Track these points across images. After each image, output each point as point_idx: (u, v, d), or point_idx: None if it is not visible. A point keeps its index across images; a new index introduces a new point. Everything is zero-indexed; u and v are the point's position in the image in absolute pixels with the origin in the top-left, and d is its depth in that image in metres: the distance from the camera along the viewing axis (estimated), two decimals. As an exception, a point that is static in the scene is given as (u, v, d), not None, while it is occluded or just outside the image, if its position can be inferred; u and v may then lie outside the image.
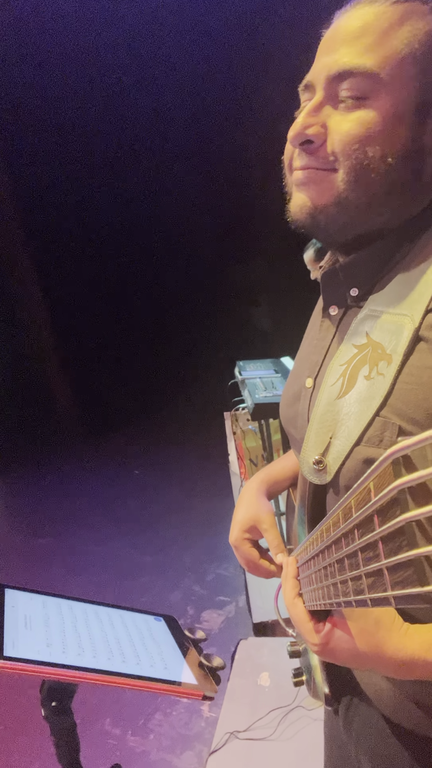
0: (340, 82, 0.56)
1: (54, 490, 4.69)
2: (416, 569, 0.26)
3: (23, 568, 3.49)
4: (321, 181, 0.58)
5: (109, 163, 5.54)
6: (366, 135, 0.55)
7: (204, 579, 3.07)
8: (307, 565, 0.55)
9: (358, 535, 0.34)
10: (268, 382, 2.81)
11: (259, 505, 0.88)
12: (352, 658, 0.56)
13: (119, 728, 2.15)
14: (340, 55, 0.55)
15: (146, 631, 0.65)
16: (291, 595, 0.61)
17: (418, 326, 0.53)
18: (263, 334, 7.19)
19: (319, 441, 0.60)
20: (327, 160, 0.57)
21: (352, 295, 0.64)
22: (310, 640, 0.58)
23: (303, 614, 0.59)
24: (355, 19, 0.56)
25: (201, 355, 6.55)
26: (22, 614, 0.59)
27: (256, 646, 2.14)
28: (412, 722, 0.66)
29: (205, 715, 2.15)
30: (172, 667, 0.58)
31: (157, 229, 6.22)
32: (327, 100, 0.57)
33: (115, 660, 0.55)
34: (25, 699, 2.32)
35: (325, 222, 0.59)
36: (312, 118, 0.57)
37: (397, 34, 0.54)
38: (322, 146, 0.57)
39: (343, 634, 0.55)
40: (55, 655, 0.53)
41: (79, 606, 0.66)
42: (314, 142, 0.57)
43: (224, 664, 0.61)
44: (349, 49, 0.55)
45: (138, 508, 4.10)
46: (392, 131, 0.55)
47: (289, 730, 1.73)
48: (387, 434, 0.54)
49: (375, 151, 0.55)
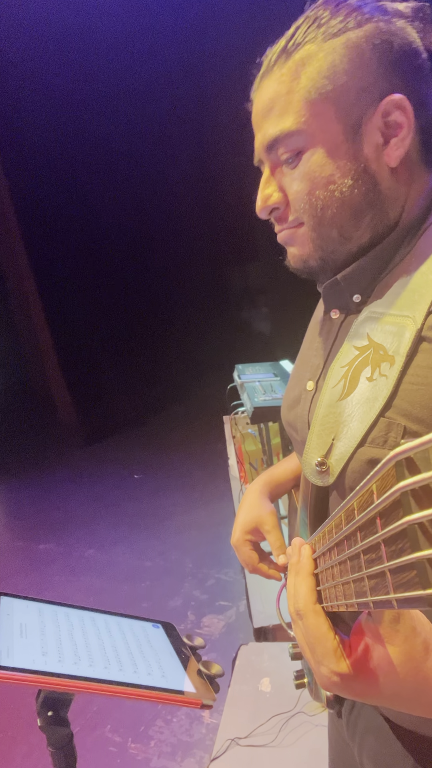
0: (275, 150, 0.61)
1: (54, 495, 4.68)
2: (419, 572, 0.26)
3: (24, 574, 3.47)
4: (296, 237, 0.65)
5: (109, 166, 5.55)
6: (312, 185, 0.60)
7: (204, 584, 3.06)
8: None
9: (361, 537, 0.34)
10: (267, 385, 2.80)
11: (262, 506, 0.88)
12: (391, 697, 0.44)
13: (120, 735, 2.14)
14: (265, 129, 0.61)
15: (144, 638, 0.64)
16: (310, 599, 0.49)
17: (420, 327, 0.54)
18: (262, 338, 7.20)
19: (321, 443, 0.60)
20: (295, 219, 0.64)
21: (355, 301, 0.65)
22: (331, 665, 0.45)
23: (325, 627, 0.47)
24: (263, 93, 0.61)
25: (200, 359, 6.56)
26: (17, 622, 0.58)
27: (257, 651, 2.13)
28: (415, 723, 0.66)
29: (206, 721, 2.14)
30: (170, 676, 0.57)
31: (156, 232, 6.23)
32: (274, 167, 0.64)
33: (112, 669, 0.54)
34: (25, 706, 2.31)
35: (316, 264, 0.65)
36: (268, 188, 0.64)
37: (299, 87, 0.58)
38: (287, 208, 0.64)
39: (381, 661, 0.43)
40: (50, 664, 0.52)
41: (76, 613, 0.66)
42: (279, 208, 0.64)
43: (223, 672, 0.61)
44: (269, 122, 0.61)
45: (138, 513, 4.09)
46: (333, 167, 0.59)
47: (291, 736, 1.71)
48: (392, 435, 0.54)
49: (325, 193, 0.60)
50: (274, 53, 0.61)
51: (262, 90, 0.62)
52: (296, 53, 0.59)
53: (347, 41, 0.57)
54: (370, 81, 0.57)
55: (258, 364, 3.31)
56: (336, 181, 0.59)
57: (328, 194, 0.60)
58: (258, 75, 0.63)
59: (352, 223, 0.61)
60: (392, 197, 0.61)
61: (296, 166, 0.61)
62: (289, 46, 0.59)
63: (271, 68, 0.61)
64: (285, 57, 0.59)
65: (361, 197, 0.60)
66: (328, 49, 0.57)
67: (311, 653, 0.48)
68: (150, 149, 5.81)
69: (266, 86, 0.61)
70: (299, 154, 0.60)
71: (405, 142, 0.58)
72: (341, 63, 0.57)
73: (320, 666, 0.47)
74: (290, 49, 0.59)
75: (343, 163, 0.59)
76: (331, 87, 0.57)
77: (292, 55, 0.59)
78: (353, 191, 0.60)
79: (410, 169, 0.61)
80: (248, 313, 7.46)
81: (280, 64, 0.60)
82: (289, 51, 0.59)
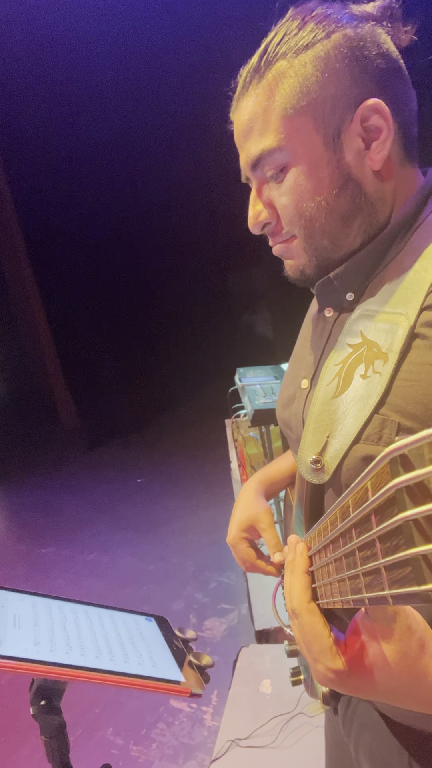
0: (259, 168, 0.63)
1: (56, 498, 4.69)
2: (414, 568, 0.26)
3: (26, 578, 3.48)
4: (290, 250, 0.66)
5: (111, 169, 5.57)
6: (298, 198, 0.61)
7: (206, 587, 3.06)
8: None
9: (356, 534, 0.34)
10: (268, 388, 2.81)
11: (257, 504, 0.89)
12: (386, 692, 0.46)
13: (122, 738, 2.14)
14: (247, 149, 0.63)
15: (136, 630, 0.65)
16: (305, 598, 0.50)
17: (413, 324, 0.54)
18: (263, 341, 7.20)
19: (316, 440, 0.61)
20: (287, 232, 0.65)
21: (348, 299, 0.66)
22: (327, 662, 0.47)
23: (320, 625, 0.48)
24: (242, 114, 0.63)
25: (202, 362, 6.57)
26: (11, 614, 0.59)
27: (258, 653, 2.13)
28: (411, 718, 0.66)
29: (208, 724, 2.14)
30: (161, 666, 0.58)
31: (158, 236, 6.26)
32: (261, 183, 0.65)
33: (103, 658, 0.55)
34: (25, 711, 2.31)
35: (313, 272, 0.67)
36: (258, 205, 0.65)
37: (275, 105, 0.59)
38: (278, 222, 0.65)
39: (377, 658, 0.44)
40: (42, 653, 0.53)
41: (69, 606, 0.67)
42: (271, 223, 0.66)
43: (213, 662, 0.62)
44: (250, 141, 0.62)
45: (140, 517, 4.09)
46: (318, 179, 0.60)
47: (291, 737, 1.71)
48: (386, 431, 0.55)
49: (312, 204, 0.61)
50: (247, 72, 0.62)
51: (240, 110, 0.63)
52: (269, 72, 0.60)
53: (317, 54, 0.58)
54: (344, 90, 0.58)
55: (259, 367, 3.32)
56: (322, 192, 0.60)
57: (315, 205, 0.61)
58: (234, 95, 0.65)
59: (343, 230, 0.62)
60: (380, 199, 0.62)
61: (282, 181, 0.62)
62: (262, 64, 0.60)
63: (247, 88, 0.62)
64: (258, 77, 0.61)
65: (348, 204, 0.61)
66: (299, 65, 0.58)
67: (308, 650, 0.50)
68: (152, 152, 5.83)
69: (243, 107, 0.62)
70: (284, 170, 0.61)
71: (386, 144, 0.59)
72: (313, 76, 0.58)
73: (317, 663, 0.48)
74: (262, 68, 0.60)
75: (327, 172, 0.60)
76: (306, 101, 0.58)
77: (264, 74, 0.60)
78: (340, 199, 0.61)
79: (395, 168, 0.62)
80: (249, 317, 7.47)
81: (255, 83, 0.61)
82: (261, 70, 0.60)
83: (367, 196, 0.61)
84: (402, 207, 0.62)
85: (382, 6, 0.61)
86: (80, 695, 2.30)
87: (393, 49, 0.60)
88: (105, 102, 5.33)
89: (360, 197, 0.61)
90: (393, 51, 0.60)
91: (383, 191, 0.62)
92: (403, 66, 0.61)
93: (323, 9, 0.60)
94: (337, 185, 0.60)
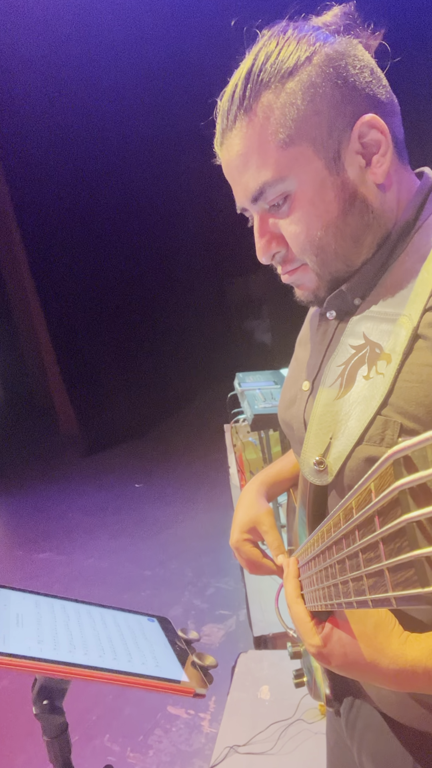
0: (260, 199, 0.62)
1: (54, 504, 4.68)
2: (417, 570, 0.26)
3: (24, 583, 3.46)
4: (303, 277, 0.66)
5: (112, 173, 5.59)
6: (308, 226, 0.60)
7: (204, 593, 3.05)
8: (308, 566, 0.55)
9: (359, 535, 0.34)
10: (268, 393, 2.81)
11: (259, 506, 0.88)
12: (349, 665, 0.55)
13: (119, 745, 2.12)
14: (245, 184, 0.61)
15: (138, 630, 0.65)
16: (293, 595, 0.60)
17: (416, 325, 0.54)
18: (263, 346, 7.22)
19: (318, 442, 0.61)
20: (297, 260, 0.64)
21: (356, 304, 0.66)
22: (309, 640, 0.57)
23: (304, 613, 0.58)
24: (232, 149, 0.61)
25: (201, 368, 6.57)
26: (14, 612, 0.59)
27: (256, 659, 2.12)
28: (414, 720, 0.66)
29: (206, 731, 2.12)
30: (164, 665, 0.58)
31: (158, 242, 6.27)
32: (263, 215, 0.64)
33: (107, 657, 0.55)
34: (24, 716, 2.29)
35: (325, 293, 0.66)
36: (266, 236, 0.64)
37: (270, 138, 0.58)
38: (289, 250, 0.64)
39: (343, 636, 0.55)
40: (45, 651, 0.53)
41: (72, 606, 0.67)
42: (281, 251, 0.64)
43: (216, 663, 0.61)
44: (247, 176, 0.61)
45: (138, 522, 4.08)
46: (325, 203, 0.60)
47: (290, 743, 1.70)
48: (388, 432, 0.55)
49: (322, 230, 0.60)
50: (232, 103, 0.60)
51: (230, 145, 0.61)
52: (256, 105, 0.58)
53: (302, 81, 0.57)
54: (337, 110, 0.58)
55: (258, 373, 3.32)
56: (330, 216, 0.60)
57: (324, 231, 0.61)
58: (218, 127, 0.63)
59: (355, 250, 0.62)
60: (386, 210, 0.62)
61: (287, 210, 0.61)
62: (246, 94, 0.59)
63: (234, 122, 0.60)
64: (245, 110, 0.59)
65: (357, 223, 0.61)
66: (286, 95, 0.58)
67: (300, 634, 0.59)
68: (153, 157, 5.86)
69: (233, 141, 0.61)
70: (287, 199, 0.60)
71: (387, 157, 0.59)
72: (303, 104, 0.57)
73: (305, 642, 0.58)
74: (248, 101, 0.59)
75: (333, 195, 0.59)
76: (301, 129, 0.58)
77: (252, 107, 0.59)
78: (348, 220, 0.60)
79: (395, 176, 0.62)
80: (249, 322, 7.49)
81: (241, 117, 0.59)
82: (246, 103, 0.59)
83: (374, 211, 0.61)
84: (405, 211, 0.63)
85: (344, 13, 0.61)
86: (76, 701, 2.28)
87: (369, 57, 0.60)
88: (105, 106, 5.36)
89: (368, 214, 0.61)
90: (370, 59, 0.60)
91: (388, 201, 0.62)
92: (381, 72, 0.61)
93: (294, 30, 0.59)
94: (345, 206, 0.60)
